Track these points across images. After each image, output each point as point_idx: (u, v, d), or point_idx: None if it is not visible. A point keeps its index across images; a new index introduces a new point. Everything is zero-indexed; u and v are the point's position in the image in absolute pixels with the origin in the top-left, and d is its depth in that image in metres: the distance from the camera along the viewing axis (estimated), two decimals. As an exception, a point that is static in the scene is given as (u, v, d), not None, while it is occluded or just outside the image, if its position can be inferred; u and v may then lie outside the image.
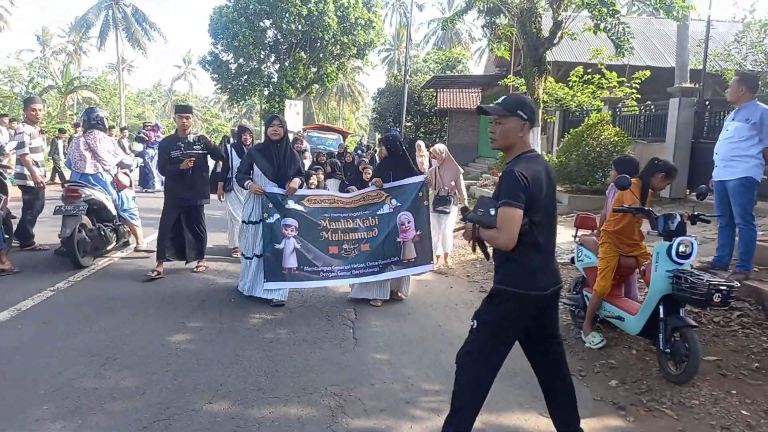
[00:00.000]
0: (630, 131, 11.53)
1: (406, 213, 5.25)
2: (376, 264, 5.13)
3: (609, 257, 4.26)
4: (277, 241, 4.96)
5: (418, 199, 5.32)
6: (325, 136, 21.86)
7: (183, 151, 5.65)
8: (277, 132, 5.13)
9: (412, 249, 5.24)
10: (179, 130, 5.84)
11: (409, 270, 5.27)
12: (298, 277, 4.96)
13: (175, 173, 5.70)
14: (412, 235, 5.24)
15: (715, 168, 5.20)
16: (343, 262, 5.09)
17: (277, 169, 5.08)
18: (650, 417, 3.29)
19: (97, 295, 5.05)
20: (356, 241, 5.18)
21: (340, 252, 5.13)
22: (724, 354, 4.02)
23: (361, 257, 5.14)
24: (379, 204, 5.30)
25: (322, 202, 5.27)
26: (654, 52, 19.26)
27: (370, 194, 5.36)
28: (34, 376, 3.33)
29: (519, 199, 2.41)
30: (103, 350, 3.78)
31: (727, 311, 4.71)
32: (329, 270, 5.03)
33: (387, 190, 5.32)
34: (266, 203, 5.02)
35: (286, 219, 5.02)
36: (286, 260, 4.96)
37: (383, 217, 5.26)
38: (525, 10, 10.55)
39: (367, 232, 5.23)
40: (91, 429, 2.77)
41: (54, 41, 53.53)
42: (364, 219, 5.26)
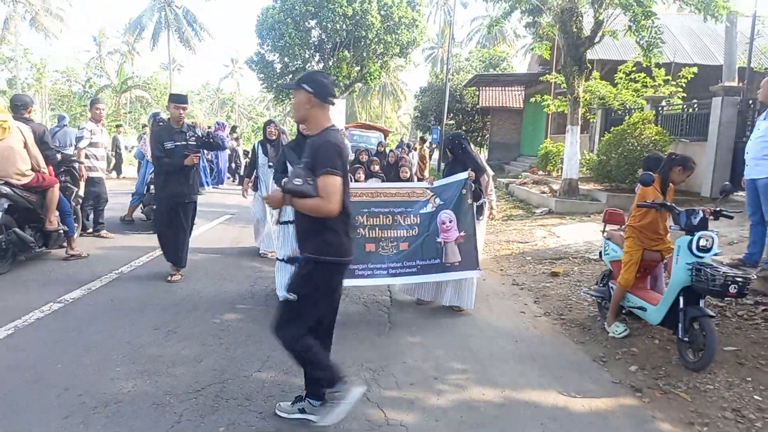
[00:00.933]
0: (673, 130, 11.45)
1: (447, 212, 4.96)
2: (414, 264, 4.86)
3: (633, 251, 4.45)
4: None
5: (461, 197, 5.00)
6: (367, 134, 22.22)
7: (180, 142, 5.32)
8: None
9: (455, 251, 4.91)
10: (173, 120, 5.43)
11: (452, 274, 4.92)
12: None
13: (175, 167, 5.31)
14: (455, 236, 4.92)
15: (746, 166, 5.30)
16: (379, 260, 4.82)
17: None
18: (665, 399, 3.49)
19: (155, 279, 5.53)
20: (395, 240, 4.89)
21: (377, 249, 4.84)
22: (744, 345, 4.16)
23: (398, 256, 4.86)
24: (422, 202, 5.02)
25: (363, 196, 4.94)
26: (703, 49, 18.87)
27: (416, 190, 5.14)
28: (108, 345, 3.80)
29: (338, 168, 2.63)
30: (164, 325, 4.23)
31: (753, 306, 4.85)
32: (365, 268, 4.75)
33: (434, 188, 5.10)
34: None
35: None
36: None
37: (425, 216, 4.97)
38: (566, 9, 10.65)
39: (406, 231, 4.93)
40: (159, 388, 3.19)
41: (109, 42, 55.92)
42: (405, 216, 4.96)
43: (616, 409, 3.36)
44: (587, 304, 5.35)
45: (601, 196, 10.73)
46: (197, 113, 70.47)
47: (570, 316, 5.11)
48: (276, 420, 2.93)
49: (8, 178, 5.21)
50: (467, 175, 5.04)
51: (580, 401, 3.42)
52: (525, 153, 25.30)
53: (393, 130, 46.86)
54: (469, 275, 4.97)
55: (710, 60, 17.77)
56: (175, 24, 42.96)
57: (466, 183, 5.04)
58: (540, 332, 4.66)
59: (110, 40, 55.99)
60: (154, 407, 2.97)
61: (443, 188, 5.07)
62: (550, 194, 11.66)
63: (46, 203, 5.58)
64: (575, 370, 3.91)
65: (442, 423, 3.06)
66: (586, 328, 4.79)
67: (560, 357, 4.16)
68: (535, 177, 14.82)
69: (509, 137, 27.93)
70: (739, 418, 3.23)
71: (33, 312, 4.30)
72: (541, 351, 4.25)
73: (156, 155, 5.30)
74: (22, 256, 5.56)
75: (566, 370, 3.87)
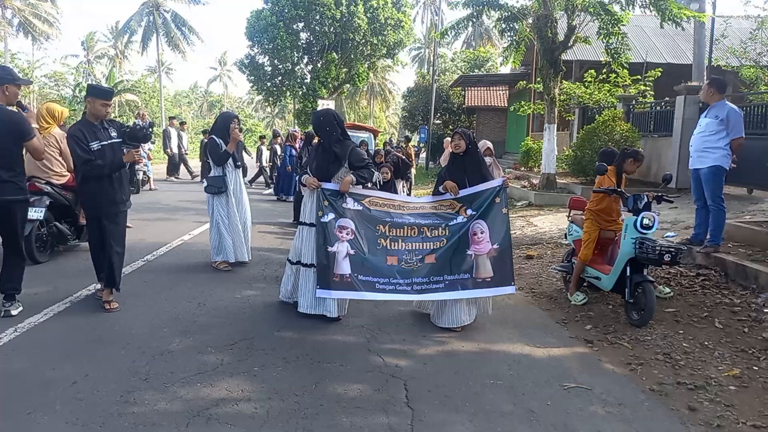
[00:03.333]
0: (643, 127, 12.34)
1: (479, 222, 4.50)
2: (441, 279, 4.43)
3: (591, 231, 5.26)
4: (330, 243, 4.36)
5: (495, 206, 4.54)
6: (357, 134, 22.95)
7: (106, 140, 4.56)
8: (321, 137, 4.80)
9: (487, 265, 4.45)
10: (93, 116, 4.57)
11: (484, 291, 4.48)
12: (352, 285, 4.35)
13: (111, 169, 4.56)
14: (487, 249, 4.46)
15: (690, 158, 6.12)
16: (402, 274, 4.41)
17: (325, 165, 4.62)
18: (611, 348, 4.29)
19: (178, 266, 6.26)
20: (419, 252, 4.48)
21: (399, 263, 4.44)
22: (682, 307, 4.99)
23: (423, 270, 4.44)
24: (452, 214, 4.58)
25: (386, 206, 4.59)
26: (676, 48, 19.82)
27: (442, 203, 4.63)
28: (150, 314, 4.55)
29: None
30: (195, 299, 4.99)
31: (695, 276, 5.68)
32: (386, 282, 4.38)
33: (461, 199, 4.58)
34: (321, 200, 4.45)
35: (341, 220, 4.43)
36: (338, 265, 4.35)
37: (455, 227, 4.54)
38: (541, 16, 11.48)
39: (433, 243, 4.51)
40: (200, 342, 3.95)
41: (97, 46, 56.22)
42: (432, 228, 4.55)
43: (570, 355, 4.16)
44: (555, 280, 6.15)
45: (577, 189, 11.57)
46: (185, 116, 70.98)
47: (540, 290, 5.91)
48: (297, 363, 3.69)
49: (49, 179, 5.93)
50: (501, 182, 4.63)
51: (541, 350, 4.21)
52: (510, 150, 26.16)
53: (382, 130, 47.60)
54: (503, 292, 4.55)
55: (683, 59, 18.73)
56: (164, 28, 43.40)
57: (500, 190, 4.57)
58: (513, 303, 5.44)
59: (98, 44, 56.34)
60: (199, 354, 3.73)
61: (473, 197, 4.57)
62: (530, 188, 12.49)
63: (79, 200, 6.28)
64: (540, 329, 4.70)
65: (429, 366, 3.83)
66: (552, 298, 5.59)
67: (529, 320, 4.94)
68: (517, 173, 15.68)
69: (495, 136, 28.75)
70: (667, 359, 4.04)
71: (80, 291, 5.04)
72: (513, 317, 5.03)
73: (82, 159, 4.43)
74: (60, 247, 6.28)
75: (533, 330, 4.66)
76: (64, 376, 3.32)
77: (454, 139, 4.73)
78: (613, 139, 11.12)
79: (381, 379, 3.55)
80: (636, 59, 17.89)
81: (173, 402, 3.07)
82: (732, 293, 5.17)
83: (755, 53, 15.37)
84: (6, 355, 3.63)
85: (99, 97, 4.58)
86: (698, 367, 3.88)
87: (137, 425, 2.81)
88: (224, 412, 2.97)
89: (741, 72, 15.51)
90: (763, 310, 4.74)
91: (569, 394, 3.47)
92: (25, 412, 2.89)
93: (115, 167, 4.59)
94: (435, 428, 2.98)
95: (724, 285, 5.37)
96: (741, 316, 4.70)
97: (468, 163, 4.68)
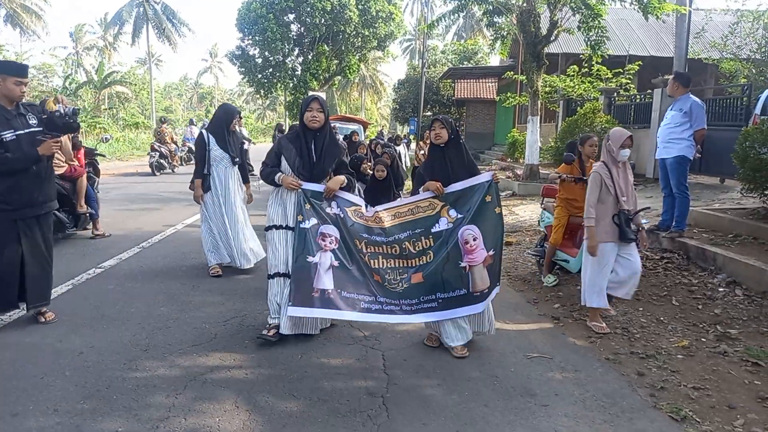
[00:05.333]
0: (623, 119, 12.72)
1: (470, 227, 3.83)
2: (433, 299, 3.84)
3: (560, 217, 5.62)
4: (311, 252, 3.72)
5: (485, 206, 3.86)
6: (347, 126, 23.24)
7: (22, 130, 3.82)
8: (317, 118, 3.85)
9: (484, 276, 3.84)
10: (5, 99, 3.80)
11: (482, 305, 3.85)
12: (333, 303, 3.69)
13: (25, 164, 3.82)
14: (483, 257, 3.82)
15: (657, 149, 6.48)
16: (389, 295, 3.82)
17: (312, 164, 3.87)
18: (575, 324, 4.66)
19: (172, 252, 6.57)
20: (403, 271, 3.86)
21: (383, 282, 3.82)
22: (644, 287, 5.35)
23: (411, 291, 3.83)
24: (432, 218, 3.88)
25: (368, 220, 3.93)
26: (659, 41, 20.19)
27: (419, 204, 3.92)
28: (148, 295, 4.89)
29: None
30: (189, 281, 5.34)
31: (659, 260, 6.06)
32: (372, 301, 3.78)
33: (443, 197, 3.90)
34: (303, 203, 3.78)
35: (325, 227, 3.79)
36: (319, 278, 3.70)
37: (439, 235, 3.86)
38: (525, 11, 11.81)
39: (417, 259, 3.87)
40: (195, 319, 4.29)
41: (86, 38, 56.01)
42: (414, 241, 3.86)
43: (537, 330, 4.52)
44: (531, 264, 6.51)
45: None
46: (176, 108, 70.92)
47: (516, 273, 6.28)
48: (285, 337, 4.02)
49: (47, 169, 6.19)
50: (490, 176, 3.93)
51: (511, 326, 4.57)
52: (499, 142, 26.55)
53: (373, 122, 47.87)
54: (491, 295, 3.95)
55: (666, 52, 19.10)
56: (155, 20, 43.34)
57: (490, 187, 3.90)
58: (489, 284, 5.79)
59: (87, 35, 56.13)
60: (194, 329, 4.07)
61: (457, 195, 3.88)
62: (514, 178, 12.86)
63: (76, 190, 6.58)
64: (512, 308, 5.05)
65: (406, 339, 4.17)
66: (526, 281, 5.96)
67: (502, 301, 5.26)
68: (503, 164, 16.05)
69: (484, 127, 29.17)
70: (624, 332, 4.41)
71: (81, 275, 5.36)
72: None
73: None
74: (58, 235, 6.57)
75: (505, 308, 5.00)
76: (72, 347, 3.65)
77: (434, 127, 3.94)
78: (594, 131, 11.49)
79: (361, 351, 3.90)
80: (620, 52, 18.33)
81: (171, 369, 3.41)
82: (691, 274, 5.55)
83: (734, 47, 15.73)
84: (17, 329, 3.96)
85: (10, 74, 3.74)
86: (651, 339, 4.25)
87: (139, 387, 3.14)
88: (218, 378, 3.31)
89: (721, 65, 15.90)
90: (718, 289, 5.13)
91: (532, 362, 3.83)
92: (39, 376, 3.22)
93: (30, 161, 3.81)
94: (408, 391, 3.33)
95: (685, 267, 5.76)
96: (697, 295, 5.08)
97: (452, 156, 3.95)
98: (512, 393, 3.33)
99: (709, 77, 19.75)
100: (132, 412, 2.88)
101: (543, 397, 3.29)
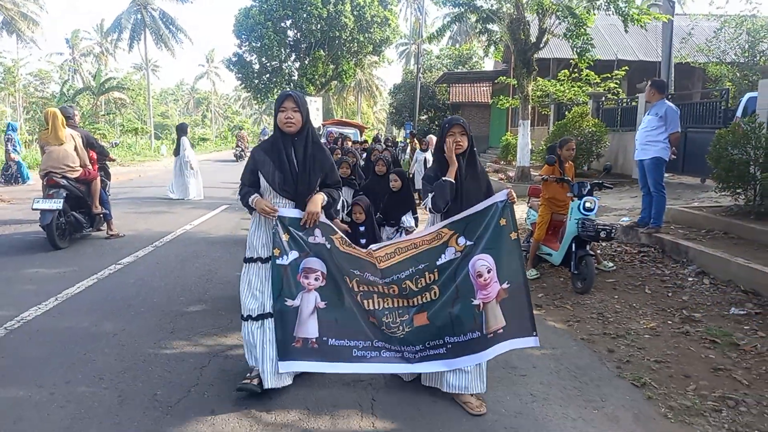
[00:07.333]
0: (611, 122, 13.25)
1: (483, 257, 3.19)
2: (441, 344, 3.20)
3: (544, 214, 6.10)
4: (290, 295, 3.12)
5: (500, 231, 3.21)
6: (343, 130, 23.77)
7: None
8: (292, 120, 3.15)
9: (497, 314, 3.19)
10: None
11: (496, 348, 3.20)
12: (320, 353, 3.14)
13: None
14: (496, 291, 3.18)
15: (636, 151, 6.97)
16: (387, 340, 3.22)
17: (296, 177, 3.19)
18: (556, 310, 5.13)
19: (184, 251, 7.03)
20: (404, 311, 3.23)
21: (379, 326, 3.22)
22: (621, 278, 5.84)
23: (414, 336, 3.21)
24: (438, 248, 3.23)
25: (361, 254, 3.27)
26: (647, 46, 20.76)
27: (424, 238, 3.27)
28: (168, 286, 5.36)
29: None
30: (203, 276, 5.79)
31: (636, 253, 6.55)
32: (367, 347, 3.20)
33: (452, 225, 3.24)
34: (279, 233, 3.13)
35: (309, 260, 3.16)
36: (301, 325, 3.13)
37: (446, 267, 3.22)
38: (515, 19, 12.32)
39: (420, 296, 3.24)
40: (213, 305, 4.77)
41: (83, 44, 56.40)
42: (417, 279, 3.23)
43: (521, 316, 4.98)
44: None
45: (549, 180, 12.45)
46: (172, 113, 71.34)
47: (504, 267, 6.75)
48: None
49: (65, 173, 6.67)
50: (506, 196, 3.27)
51: (497, 312, 5.03)
52: (493, 145, 27.05)
53: (369, 126, 48.41)
54: (521, 345, 3.31)
55: (654, 56, 19.66)
56: (153, 26, 43.77)
57: (505, 208, 3.25)
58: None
59: (83, 42, 56.53)
60: (213, 316, 4.54)
61: (468, 220, 3.23)
62: (506, 180, 13.35)
63: (91, 192, 7.04)
64: (500, 297, 5.52)
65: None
66: (514, 273, 6.42)
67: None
68: (496, 166, 16.55)
69: (479, 131, 29.64)
70: (600, 317, 4.88)
71: (103, 270, 5.81)
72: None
73: None
74: (76, 234, 7.04)
75: (493, 297, 5.48)
76: (106, 331, 4.11)
77: (452, 132, 3.28)
78: (582, 134, 12.01)
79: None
80: (609, 57, 18.88)
81: (196, 347, 3.88)
82: (665, 266, 6.04)
83: (719, 51, 16.29)
84: (53, 317, 4.41)
85: None
86: (623, 323, 4.73)
87: (170, 361, 3.61)
88: (238, 354, 3.76)
89: (707, 69, 16.45)
90: (688, 278, 5.62)
91: (514, 342, 4.29)
92: (82, 353, 3.69)
93: None
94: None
95: (659, 260, 6.25)
96: (668, 284, 5.56)
97: (468, 168, 3.35)
98: (495, 366, 3.77)
99: (696, 80, 20.34)
100: (166, 379, 3.34)
101: (522, 369, 3.76)
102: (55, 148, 6.68)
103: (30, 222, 8.23)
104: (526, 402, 3.32)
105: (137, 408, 3.01)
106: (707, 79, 17.07)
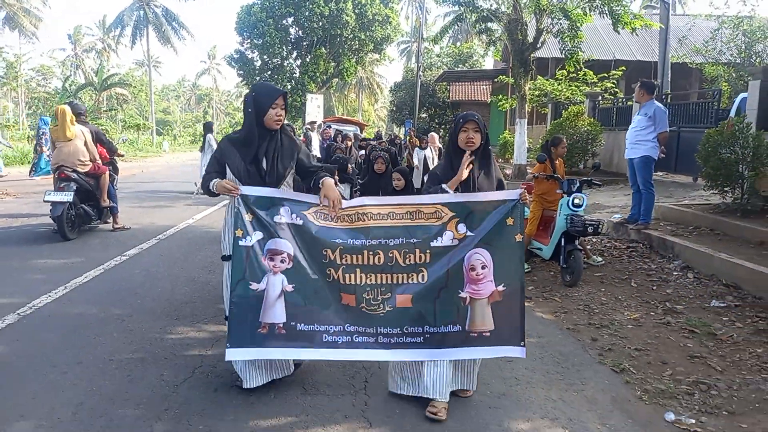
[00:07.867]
0: (607, 121, 13.44)
1: (480, 251, 3.06)
2: (420, 332, 3.08)
3: (535, 210, 6.31)
4: (256, 278, 3.00)
5: (505, 229, 3.08)
6: (344, 128, 23.96)
7: None
8: (281, 117, 3.17)
9: (487, 315, 3.09)
10: None
11: (478, 350, 3.12)
12: (286, 339, 3.02)
13: None
14: (490, 291, 3.07)
15: (626, 150, 7.17)
16: (364, 321, 3.06)
17: (263, 173, 3.16)
18: (545, 302, 5.34)
19: (187, 242, 7.25)
20: (387, 289, 3.07)
21: (359, 304, 3.06)
22: (609, 272, 6.06)
23: (394, 318, 3.06)
24: (435, 228, 3.07)
25: (339, 220, 3.09)
26: (645, 46, 20.94)
27: (423, 209, 3.09)
28: (171, 277, 5.58)
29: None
30: (206, 267, 6.01)
31: (625, 249, 6.76)
32: (339, 332, 3.05)
33: (454, 206, 3.08)
34: (241, 213, 3.03)
35: (273, 241, 3.04)
36: (267, 310, 3.00)
37: (440, 252, 3.07)
38: (512, 20, 12.52)
39: (407, 275, 3.08)
40: (216, 297, 4.95)
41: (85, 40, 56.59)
42: (406, 252, 3.07)
43: (511, 307, 5.20)
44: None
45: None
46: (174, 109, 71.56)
47: (497, 261, 6.96)
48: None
49: (75, 167, 6.90)
50: (518, 195, 3.12)
51: (488, 303, 5.24)
52: (493, 143, 27.17)
53: (370, 123, 48.59)
54: (506, 353, 3.20)
55: (652, 56, 19.85)
56: (156, 22, 43.99)
57: (515, 208, 3.10)
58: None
59: (86, 38, 56.72)
60: (215, 304, 4.73)
61: (473, 208, 3.08)
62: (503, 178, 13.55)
63: (100, 186, 7.26)
64: (491, 290, 5.73)
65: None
66: (506, 268, 6.63)
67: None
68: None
69: (478, 129, 29.84)
70: (586, 308, 5.09)
71: (110, 261, 6.02)
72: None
73: None
74: (85, 226, 7.27)
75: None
76: (114, 316, 4.34)
77: (466, 128, 3.19)
78: (578, 133, 12.21)
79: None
80: (606, 57, 19.07)
81: (200, 332, 4.10)
82: (652, 261, 6.25)
83: (716, 52, 16.47)
84: (64, 304, 4.63)
85: None
86: (608, 314, 4.93)
87: (175, 345, 3.83)
88: (239, 339, 3.98)
89: (704, 69, 16.63)
90: (672, 273, 5.83)
91: (503, 331, 4.50)
92: (92, 336, 3.91)
93: None
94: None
95: (647, 255, 6.46)
96: (654, 278, 5.77)
97: (481, 165, 3.26)
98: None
99: (693, 81, 20.52)
100: (172, 361, 3.56)
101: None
102: (66, 143, 6.92)
103: (37, 215, 8.47)
104: (511, 384, 3.54)
105: (146, 386, 3.23)
106: (704, 80, 17.26)
